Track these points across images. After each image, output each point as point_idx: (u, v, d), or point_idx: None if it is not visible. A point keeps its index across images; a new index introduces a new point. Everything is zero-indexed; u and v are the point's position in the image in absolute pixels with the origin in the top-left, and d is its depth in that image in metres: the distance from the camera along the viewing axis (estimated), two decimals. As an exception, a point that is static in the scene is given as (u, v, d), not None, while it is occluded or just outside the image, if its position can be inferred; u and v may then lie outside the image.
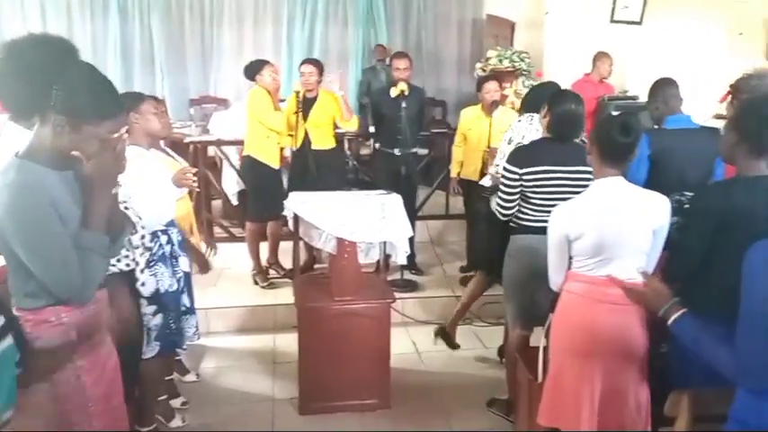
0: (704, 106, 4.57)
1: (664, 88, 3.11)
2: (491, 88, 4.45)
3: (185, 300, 2.88)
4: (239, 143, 4.91)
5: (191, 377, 3.52)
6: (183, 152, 5.32)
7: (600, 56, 5.57)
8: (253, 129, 4.46)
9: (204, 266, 3.14)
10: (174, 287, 2.76)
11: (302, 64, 4.54)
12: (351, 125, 4.59)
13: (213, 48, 7.53)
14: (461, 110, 4.83)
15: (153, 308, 2.66)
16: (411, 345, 3.93)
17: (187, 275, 2.88)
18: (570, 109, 2.68)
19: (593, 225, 2.09)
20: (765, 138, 1.99)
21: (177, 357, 3.30)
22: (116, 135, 1.62)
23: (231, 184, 5.44)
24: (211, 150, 5.56)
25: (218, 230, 5.35)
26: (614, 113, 2.21)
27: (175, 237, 2.79)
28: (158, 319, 2.69)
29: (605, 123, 2.16)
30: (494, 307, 3.98)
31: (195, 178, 2.80)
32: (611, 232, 2.08)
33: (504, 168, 2.75)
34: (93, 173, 1.61)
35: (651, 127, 3.12)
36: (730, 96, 3.02)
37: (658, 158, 2.86)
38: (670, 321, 1.59)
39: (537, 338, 2.63)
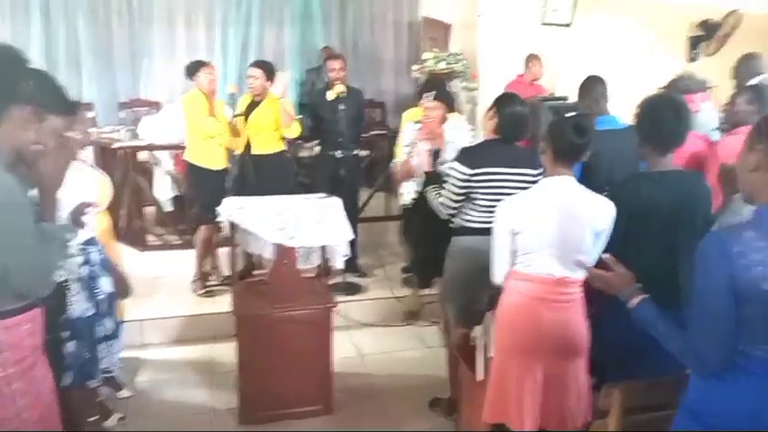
0: (630, 106, 4.75)
1: (595, 86, 3.21)
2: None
3: (108, 323, 2.71)
4: (172, 148, 4.77)
5: (125, 392, 3.38)
6: (111, 158, 5.14)
7: (531, 57, 5.69)
8: (190, 133, 4.34)
9: (123, 292, 2.94)
10: (91, 312, 2.59)
11: (249, 67, 4.45)
12: (291, 132, 4.48)
13: (143, 49, 7.27)
14: (401, 111, 4.84)
15: (67, 333, 2.51)
16: (353, 348, 3.90)
17: (111, 296, 2.71)
18: (518, 111, 2.73)
19: (538, 220, 2.12)
20: (661, 136, 2.10)
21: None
22: (73, 133, 1.72)
23: (165, 189, 5.28)
24: (143, 155, 5.38)
25: (151, 238, 5.17)
26: (567, 115, 2.25)
27: (96, 256, 2.64)
28: (72, 347, 2.53)
29: (560, 124, 2.20)
30: (436, 306, 4.01)
31: (95, 211, 2.47)
32: (553, 229, 2.11)
33: (453, 168, 2.75)
34: (47, 169, 1.66)
35: None
36: None
37: (589, 160, 2.94)
38: (631, 306, 1.63)
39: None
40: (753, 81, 3.98)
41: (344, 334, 3.94)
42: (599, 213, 2.14)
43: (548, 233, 2.12)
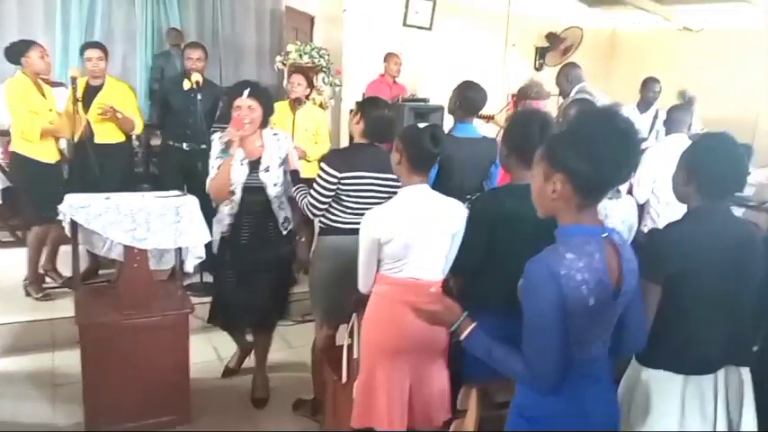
0: (484, 110, 5.02)
1: (467, 92, 3.25)
2: (295, 81, 4.40)
3: None
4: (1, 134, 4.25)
5: (-55, 413, 2.98)
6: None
7: (388, 56, 5.74)
8: (18, 122, 3.88)
9: None
10: None
11: (86, 48, 4.08)
12: (137, 130, 4.31)
13: (-36, 20, 6.41)
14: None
15: None
16: (212, 351, 3.75)
17: None
18: (384, 115, 2.76)
19: (401, 230, 2.17)
20: (528, 151, 2.23)
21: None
22: None
23: (-7, 180, 4.70)
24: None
25: (-23, 235, 4.59)
26: (420, 125, 2.29)
27: None
28: None
29: (415, 134, 2.23)
30: (297, 305, 3.97)
31: None
32: (416, 236, 2.18)
33: (322, 170, 2.73)
34: None
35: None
36: (513, 103, 3.34)
37: (444, 164, 3.05)
38: (462, 337, 1.64)
39: (342, 338, 2.67)
40: (574, 89, 4.41)
41: (203, 337, 3.75)
42: (453, 217, 2.24)
43: (412, 240, 2.17)
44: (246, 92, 2.87)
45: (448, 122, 3.64)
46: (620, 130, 1.46)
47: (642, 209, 3.92)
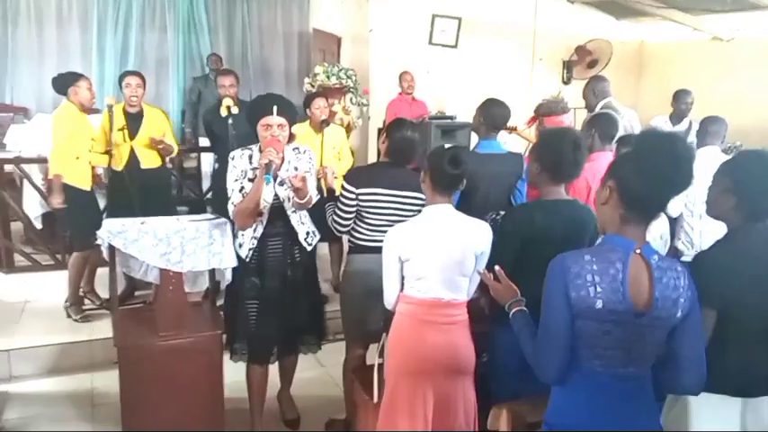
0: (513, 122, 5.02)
1: (491, 108, 3.23)
2: (320, 105, 4.47)
3: None
4: (43, 161, 4.40)
5: (-10, 432, 3.08)
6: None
7: (401, 74, 5.82)
8: (55, 148, 4.00)
9: None
10: None
11: (125, 76, 4.20)
12: (173, 154, 4.44)
13: (8, 50, 6.68)
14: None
15: None
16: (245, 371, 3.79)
17: None
18: (406, 136, 2.80)
19: (423, 248, 2.20)
20: (561, 169, 2.25)
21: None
22: None
23: (34, 205, 4.86)
24: (9, 166, 4.93)
25: (19, 259, 4.73)
26: (446, 146, 2.34)
27: None
28: None
29: (437, 156, 2.28)
30: (329, 324, 3.99)
31: None
32: (438, 256, 2.20)
33: (343, 187, 2.82)
34: None
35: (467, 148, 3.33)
36: (536, 120, 3.33)
37: (468, 181, 3.05)
38: (510, 314, 1.80)
39: (373, 357, 2.68)
40: (600, 104, 4.37)
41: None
42: (478, 237, 2.25)
43: (434, 259, 2.20)
44: (275, 109, 2.71)
45: (475, 140, 3.65)
46: (677, 154, 1.51)
47: (676, 222, 3.86)
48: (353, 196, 2.77)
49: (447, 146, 2.34)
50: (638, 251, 1.53)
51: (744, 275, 1.82)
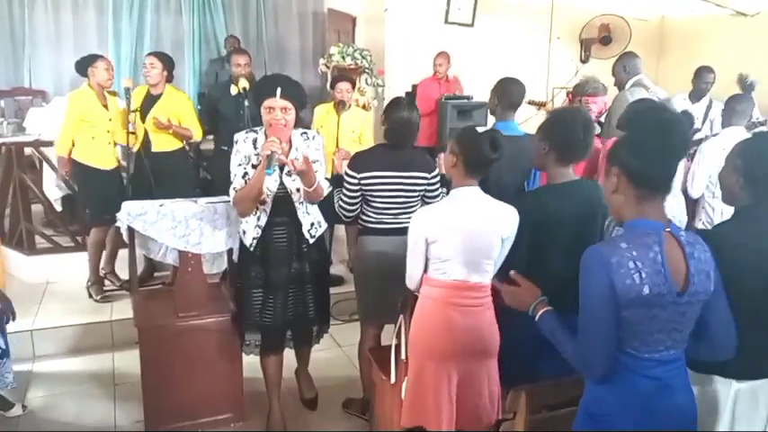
0: (527, 106, 4.97)
1: (506, 87, 3.12)
2: (343, 88, 4.47)
3: None
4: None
5: (16, 410, 3.15)
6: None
7: (438, 55, 5.72)
8: (75, 131, 4.09)
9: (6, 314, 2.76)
10: None
11: (146, 56, 4.26)
12: (196, 138, 4.40)
13: (25, 34, 6.72)
14: (313, 106, 4.77)
15: None
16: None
17: None
18: (404, 116, 2.79)
19: (450, 230, 2.18)
20: (571, 149, 2.22)
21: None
22: None
23: (53, 188, 4.91)
24: (29, 149, 4.98)
25: (40, 241, 4.80)
26: (479, 129, 2.29)
27: None
28: None
29: (473, 138, 2.23)
30: (345, 305, 4.02)
31: None
32: (465, 238, 2.18)
33: (345, 172, 2.83)
34: None
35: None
36: (569, 100, 3.26)
37: None
38: (536, 317, 1.72)
39: (388, 337, 2.70)
40: (631, 81, 4.27)
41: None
42: (505, 221, 2.22)
43: (460, 242, 2.18)
44: (279, 91, 2.52)
45: (491, 120, 3.61)
46: (664, 120, 1.52)
47: (697, 203, 3.81)
48: (356, 181, 2.78)
49: (479, 129, 2.30)
50: (667, 230, 1.53)
51: (750, 252, 1.80)
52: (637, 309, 1.49)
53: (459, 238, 2.18)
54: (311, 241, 2.82)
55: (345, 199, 2.84)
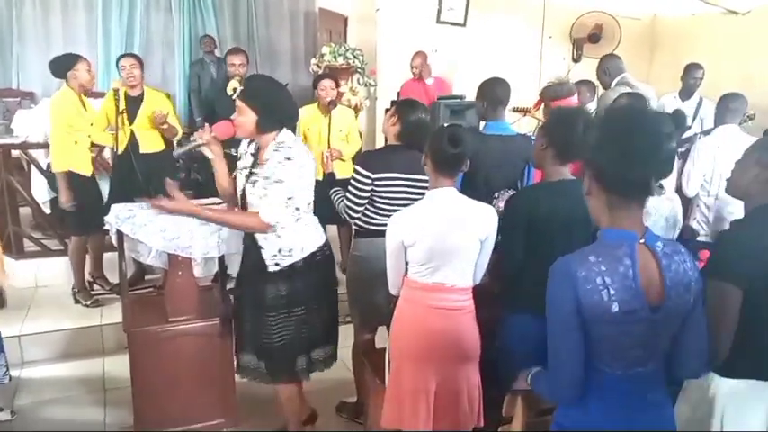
0: (522, 102, 4.94)
1: (491, 87, 3.13)
2: (327, 86, 4.41)
3: None
4: (48, 146, 4.38)
5: (3, 416, 3.11)
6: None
7: (413, 56, 5.59)
8: (54, 138, 3.98)
9: None
10: None
11: (121, 59, 4.16)
12: (178, 137, 4.33)
13: (13, 35, 6.63)
14: (300, 105, 4.72)
15: None
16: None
17: None
18: (420, 118, 2.74)
19: (426, 233, 2.15)
20: (569, 148, 2.20)
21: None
22: None
23: (42, 190, 4.84)
24: (17, 151, 4.92)
25: (28, 244, 4.74)
26: (444, 126, 2.27)
27: None
28: None
29: (434, 136, 2.22)
30: (338, 306, 3.97)
31: None
32: (442, 241, 2.14)
33: (356, 171, 2.74)
34: None
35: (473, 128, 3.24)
36: (542, 103, 3.25)
37: (471, 162, 2.97)
38: (528, 379, 1.73)
39: (382, 340, 2.67)
40: (614, 81, 4.31)
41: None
42: (482, 222, 2.19)
43: (437, 244, 2.14)
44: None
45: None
46: (634, 120, 1.43)
47: (691, 202, 3.80)
48: (369, 181, 2.71)
49: (446, 125, 2.27)
50: (641, 241, 1.44)
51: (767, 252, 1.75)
52: (606, 326, 1.41)
53: (434, 240, 2.14)
54: (270, 269, 2.50)
55: (354, 198, 2.75)
